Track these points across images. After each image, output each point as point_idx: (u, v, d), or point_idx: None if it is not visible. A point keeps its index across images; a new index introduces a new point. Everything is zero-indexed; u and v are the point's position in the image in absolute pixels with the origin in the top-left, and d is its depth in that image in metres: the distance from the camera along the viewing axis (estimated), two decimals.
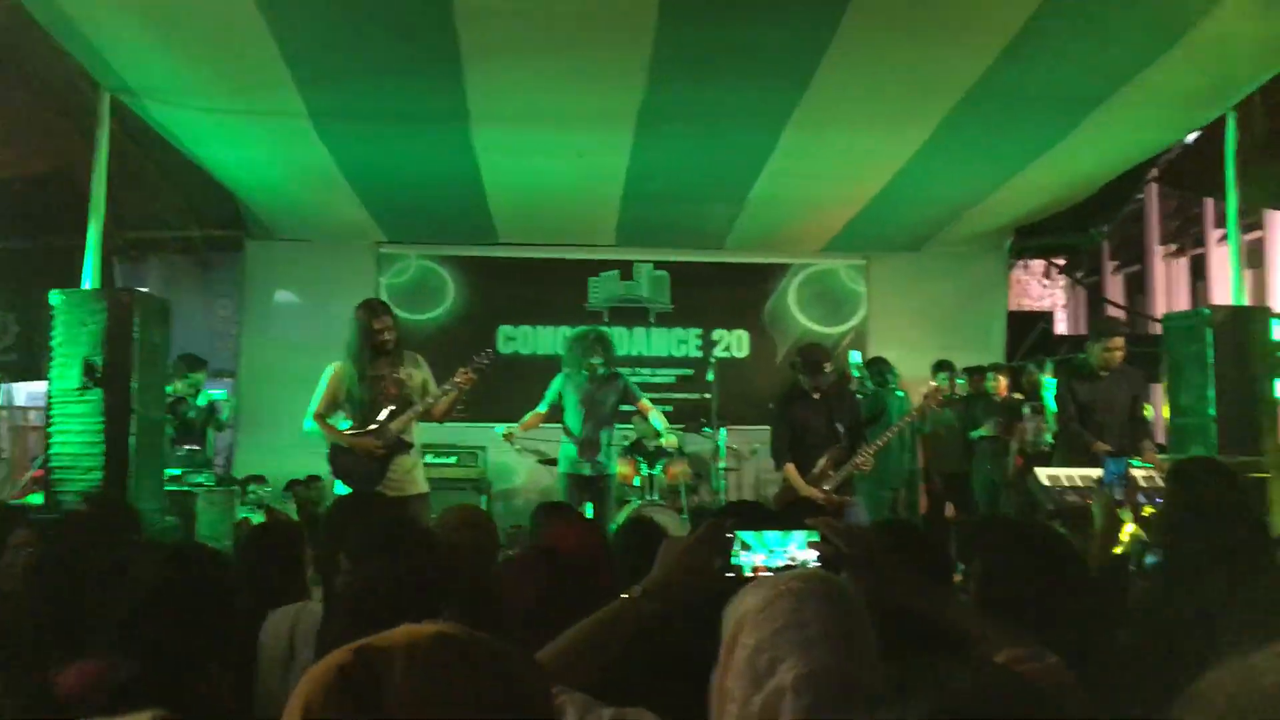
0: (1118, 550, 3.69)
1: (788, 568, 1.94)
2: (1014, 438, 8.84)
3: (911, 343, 9.83)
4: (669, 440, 7.12)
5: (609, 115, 6.81)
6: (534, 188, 8.47)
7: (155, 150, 7.78)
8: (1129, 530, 3.99)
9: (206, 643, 2.15)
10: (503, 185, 8.38)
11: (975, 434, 8.98)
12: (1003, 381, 9.20)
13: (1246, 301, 7.07)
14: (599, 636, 1.84)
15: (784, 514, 5.21)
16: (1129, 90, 6.23)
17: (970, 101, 6.39)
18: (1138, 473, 5.25)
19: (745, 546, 1.99)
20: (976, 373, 9.34)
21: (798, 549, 2.00)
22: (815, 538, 1.97)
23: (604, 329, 8.04)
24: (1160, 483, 4.97)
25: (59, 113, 7.09)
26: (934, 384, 6.98)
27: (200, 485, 6.98)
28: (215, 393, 9.11)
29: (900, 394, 8.95)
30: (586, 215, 9.39)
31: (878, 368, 9.07)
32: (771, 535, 2.00)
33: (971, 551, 2.29)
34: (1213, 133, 7.06)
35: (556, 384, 7.05)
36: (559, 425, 7.06)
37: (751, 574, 1.94)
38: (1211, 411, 6.19)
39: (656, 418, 6.98)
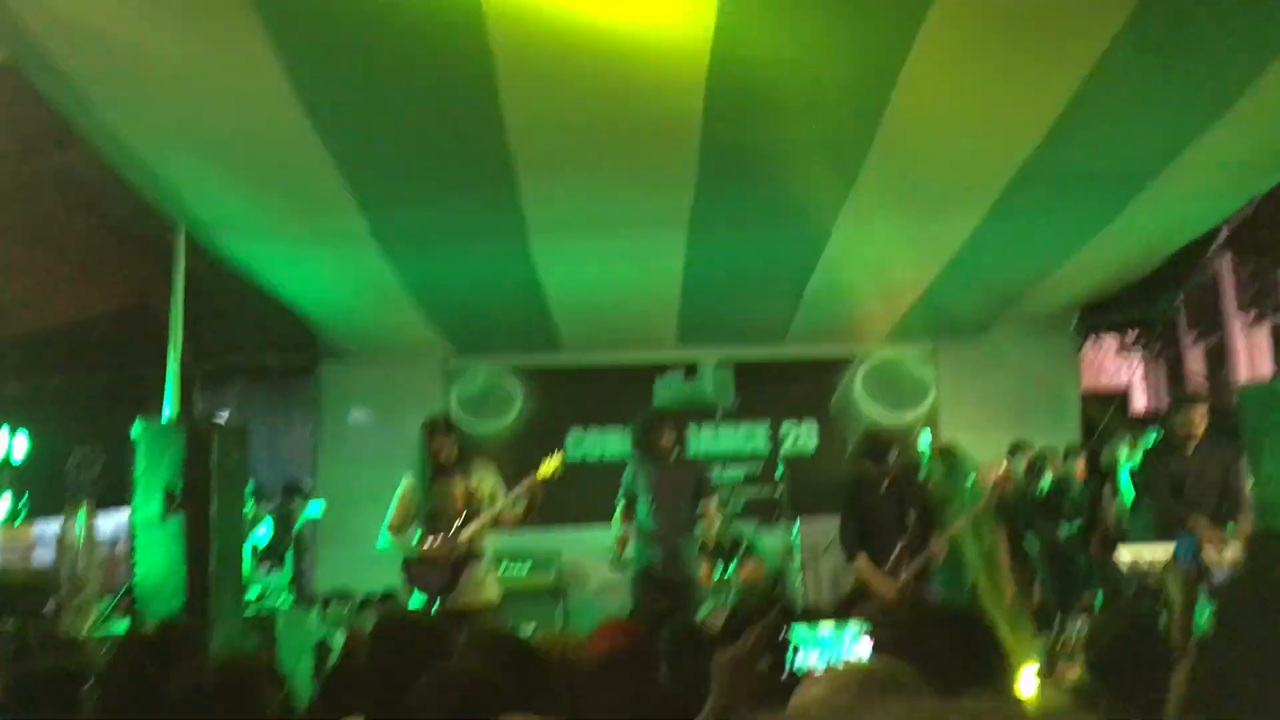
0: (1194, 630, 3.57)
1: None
2: (1096, 519, 8.61)
3: (982, 427, 9.69)
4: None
5: (661, 218, 6.94)
6: (593, 294, 8.61)
7: (229, 279, 8.07)
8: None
9: None
10: (563, 293, 8.53)
11: (1066, 533, 8.73)
12: (1080, 464, 9.00)
13: None
14: None
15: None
16: (1181, 163, 6.20)
17: (1020, 184, 6.40)
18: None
19: (799, 648, 1.98)
20: (1054, 456, 9.16)
21: (852, 643, 1.99)
22: (868, 627, 1.96)
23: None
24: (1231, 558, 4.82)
25: (135, 249, 7.43)
26: (1005, 466, 6.84)
27: (279, 608, 7.07)
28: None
29: (970, 482, 8.78)
30: (647, 317, 9.50)
31: (948, 454, 8.93)
32: (825, 633, 1.99)
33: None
34: (1278, 195, 6.97)
35: (627, 477, 6.78)
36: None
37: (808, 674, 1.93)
38: None
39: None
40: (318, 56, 4.83)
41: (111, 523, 10.12)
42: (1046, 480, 8.99)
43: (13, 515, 7.26)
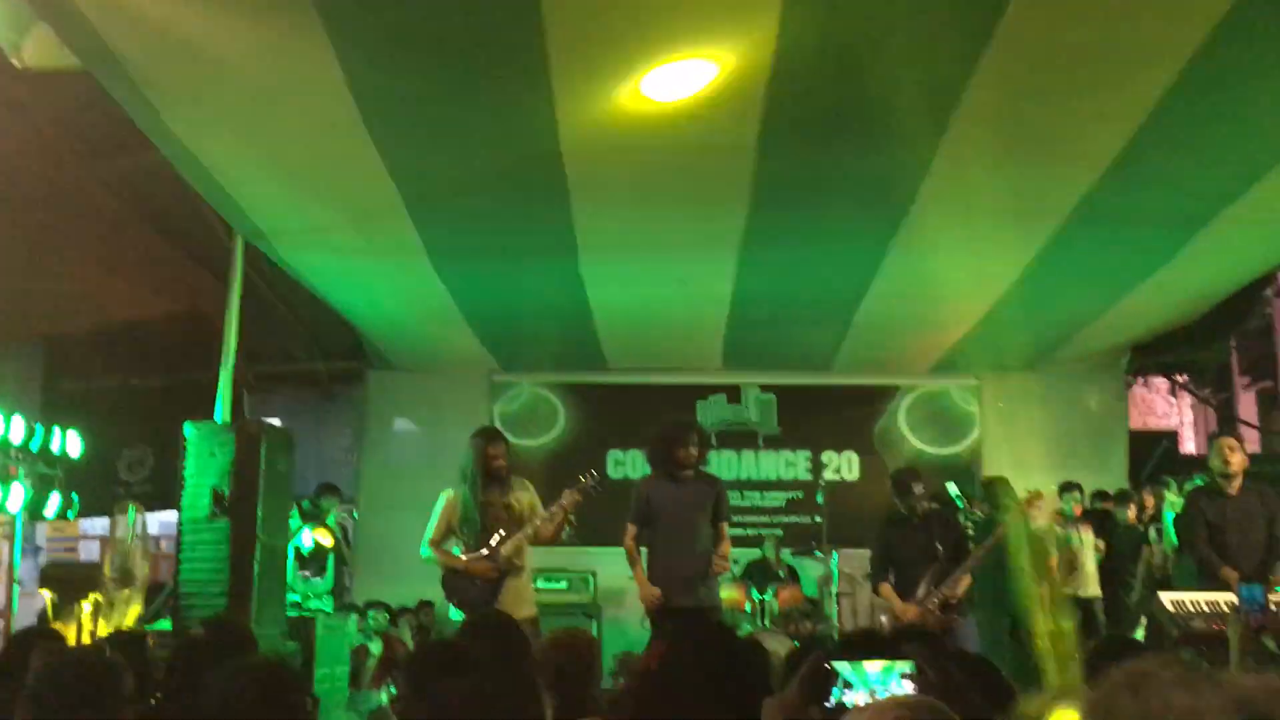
0: None
1: None
2: (1140, 563, 8.51)
3: (1028, 464, 9.58)
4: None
5: (713, 241, 6.98)
6: (641, 315, 8.66)
7: (282, 288, 8.22)
8: None
9: None
10: (611, 313, 8.58)
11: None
12: (1132, 511, 8.89)
13: None
14: None
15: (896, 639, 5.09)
16: (1235, 209, 6.16)
17: (1073, 223, 6.38)
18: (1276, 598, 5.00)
19: (847, 685, 1.99)
20: (1106, 499, 9.06)
21: (897, 685, 2.00)
22: (912, 669, 1.97)
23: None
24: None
25: (194, 256, 7.58)
26: (1029, 494, 6.78)
27: (320, 611, 7.14)
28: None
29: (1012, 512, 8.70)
30: (693, 340, 9.53)
31: (992, 489, 8.84)
32: (873, 673, 2.00)
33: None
34: None
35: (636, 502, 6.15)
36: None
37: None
38: None
39: None
40: (379, 74, 4.91)
41: (157, 522, 10.30)
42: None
43: (63, 510, 7.40)
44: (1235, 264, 7.51)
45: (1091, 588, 8.76)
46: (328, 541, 8.28)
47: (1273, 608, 4.92)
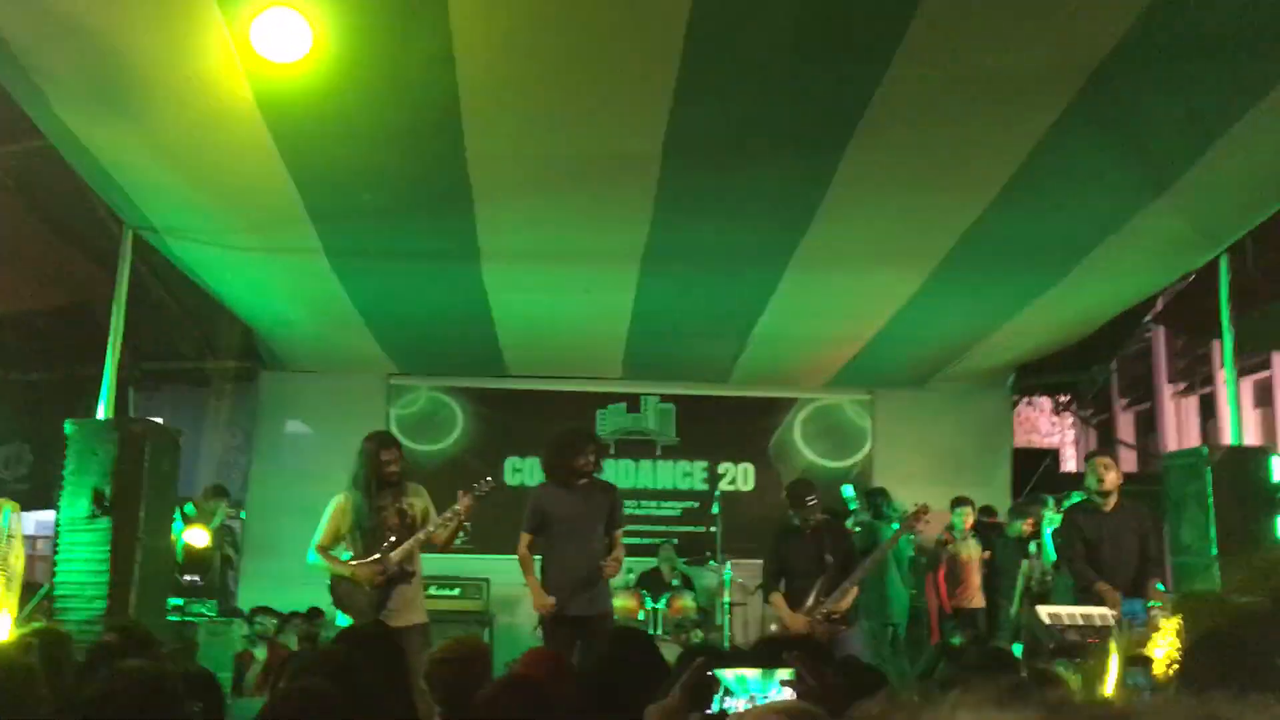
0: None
1: None
2: (1019, 576, 8.76)
3: (916, 477, 9.82)
4: None
5: (615, 253, 7.01)
6: (543, 322, 8.65)
7: (173, 283, 8.00)
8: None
9: None
10: (512, 320, 8.55)
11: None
12: (1029, 524, 9.14)
13: (1253, 440, 7.11)
14: None
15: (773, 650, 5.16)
16: (1119, 237, 6.41)
17: (965, 246, 6.58)
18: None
19: (729, 692, 2.02)
20: (990, 514, 9.32)
21: (777, 691, 2.03)
22: (792, 676, 2.01)
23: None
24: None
25: (79, 247, 7.33)
26: (917, 507, 6.93)
27: (202, 615, 6.97)
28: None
29: (895, 526, 8.92)
30: (594, 349, 9.55)
31: (874, 499, 9.06)
32: (753, 679, 2.04)
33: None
34: (1210, 274, 7.13)
35: (531, 512, 6.05)
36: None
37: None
38: (1214, 550, 6.18)
39: None
40: (282, 74, 4.83)
41: (34, 522, 9.93)
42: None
43: None
44: (1117, 289, 7.80)
45: (976, 600, 9.01)
46: (203, 542, 8.10)
47: (1153, 624, 5.12)
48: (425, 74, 4.88)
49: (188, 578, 7.90)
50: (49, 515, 6.70)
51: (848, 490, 9.64)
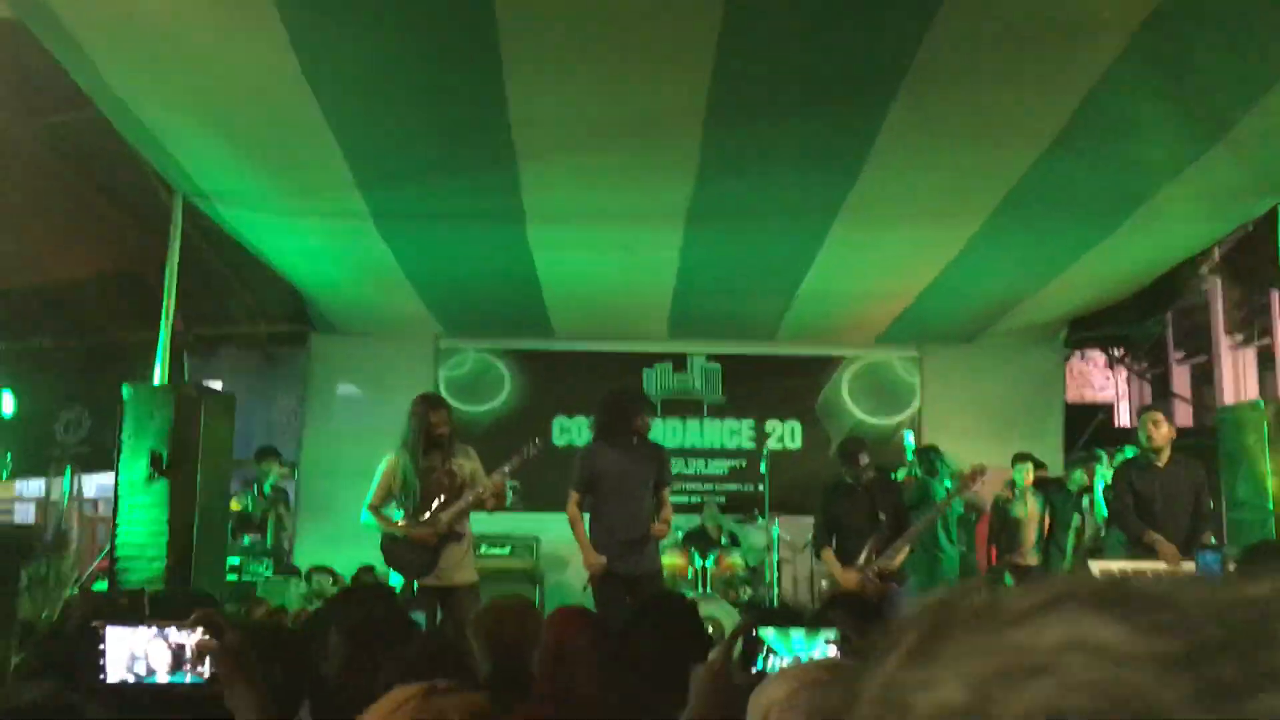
0: None
1: None
2: (1070, 531, 8.67)
3: (966, 434, 9.75)
4: None
5: (659, 211, 6.97)
6: (588, 283, 8.66)
7: (225, 249, 8.10)
8: None
9: None
10: (558, 281, 8.57)
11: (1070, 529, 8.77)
12: (1088, 473, 9.02)
13: None
14: None
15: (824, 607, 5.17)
16: (1174, 187, 6.26)
17: (1015, 198, 6.46)
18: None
19: (773, 652, 2.03)
20: (1040, 467, 9.22)
21: (822, 652, 2.04)
22: (836, 636, 2.01)
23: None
24: None
25: (132, 214, 7.44)
26: (973, 467, 6.85)
27: (259, 575, 7.11)
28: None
29: (949, 484, 8.85)
30: (639, 309, 9.54)
31: (927, 456, 8.99)
32: (798, 638, 2.04)
33: None
34: (1268, 223, 7.00)
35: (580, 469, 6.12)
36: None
37: None
38: (1270, 505, 6.08)
39: None
40: (325, 35, 4.85)
41: (94, 484, 10.16)
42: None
43: None
44: (1172, 241, 7.66)
45: (1030, 558, 8.94)
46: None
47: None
48: (468, 34, 4.87)
49: (247, 536, 8.06)
50: (108, 478, 6.84)
51: (908, 438, 9.58)
